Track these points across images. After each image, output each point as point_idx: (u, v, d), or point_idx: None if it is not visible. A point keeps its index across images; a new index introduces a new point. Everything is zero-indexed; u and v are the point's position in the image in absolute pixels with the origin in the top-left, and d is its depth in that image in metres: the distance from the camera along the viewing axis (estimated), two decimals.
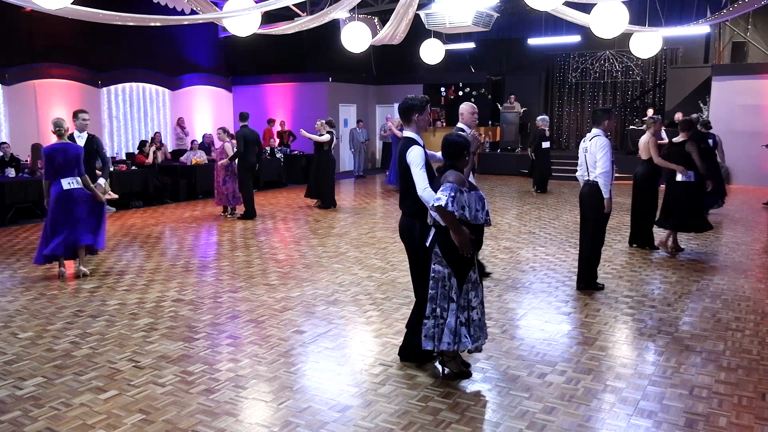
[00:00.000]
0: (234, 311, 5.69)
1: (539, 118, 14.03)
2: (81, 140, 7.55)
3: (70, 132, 7.24)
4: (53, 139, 6.94)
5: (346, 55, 11.79)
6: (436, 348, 4.06)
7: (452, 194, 3.82)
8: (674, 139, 7.86)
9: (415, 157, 4.13)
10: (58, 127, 6.74)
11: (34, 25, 13.09)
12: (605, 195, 6.02)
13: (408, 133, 4.31)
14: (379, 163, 20.00)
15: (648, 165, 7.92)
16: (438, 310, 4.04)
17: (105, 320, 5.46)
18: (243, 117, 10.82)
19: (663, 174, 8.01)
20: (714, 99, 15.18)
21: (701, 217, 7.90)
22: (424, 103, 4.35)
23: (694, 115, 12.37)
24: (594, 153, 6.02)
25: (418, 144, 4.21)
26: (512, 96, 18.11)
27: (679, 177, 7.67)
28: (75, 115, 7.57)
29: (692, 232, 8.16)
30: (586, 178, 6.21)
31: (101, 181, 7.66)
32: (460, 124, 5.83)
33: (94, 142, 7.71)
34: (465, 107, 5.91)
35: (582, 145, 6.27)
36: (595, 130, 6.13)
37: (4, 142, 11.53)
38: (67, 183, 6.72)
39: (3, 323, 5.39)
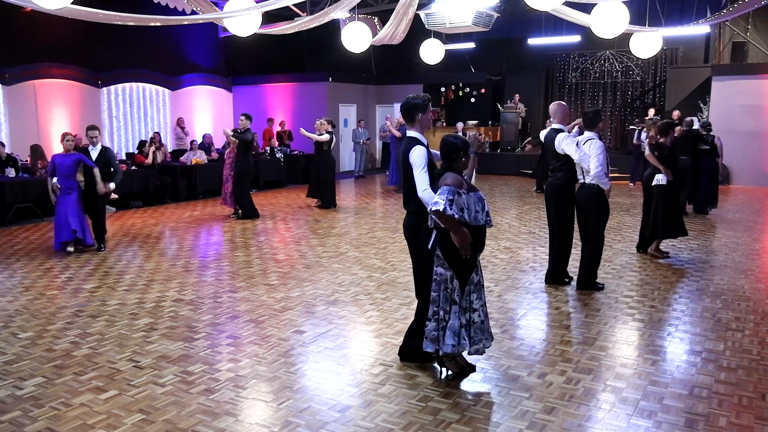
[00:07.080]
0: (234, 311, 5.69)
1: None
2: (94, 153, 8.26)
3: (84, 144, 8.42)
4: (58, 143, 8.34)
5: (346, 55, 11.78)
6: (440, 350, 4.06)
7: (449, 197, 3.81)
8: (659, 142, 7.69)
9: (417, 157, 4.10)
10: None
11: (34, 25, 13.06)
12: (605, 187, 6.03)
13: (412, 133, 4.27)
14: (379, 163, 20.01)
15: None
16: (441, 312, 4.03)
17: (105, 320, 5.46)
18: (250, 119, 10.83)
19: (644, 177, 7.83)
20: (714, 99, 15.17)
21: (675, 222, 7.51)
22: (427, 102, 4.31)
23: (689, 119, 12.36)
24: (588, 156, 6.01)
25: (422, 144, 4.17)
26: (516, 96, 18.07)
27: (654, 181, 7.51)
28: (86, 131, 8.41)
29: (668, 238, 7.65)
30: (582, 180, 6.20)
31: (111, 185, 8.39)
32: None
33: (107, 154, 8.35)
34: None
35: None
36: (588, 133, 6.09)
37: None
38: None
39: (3, 323, 5.39)
